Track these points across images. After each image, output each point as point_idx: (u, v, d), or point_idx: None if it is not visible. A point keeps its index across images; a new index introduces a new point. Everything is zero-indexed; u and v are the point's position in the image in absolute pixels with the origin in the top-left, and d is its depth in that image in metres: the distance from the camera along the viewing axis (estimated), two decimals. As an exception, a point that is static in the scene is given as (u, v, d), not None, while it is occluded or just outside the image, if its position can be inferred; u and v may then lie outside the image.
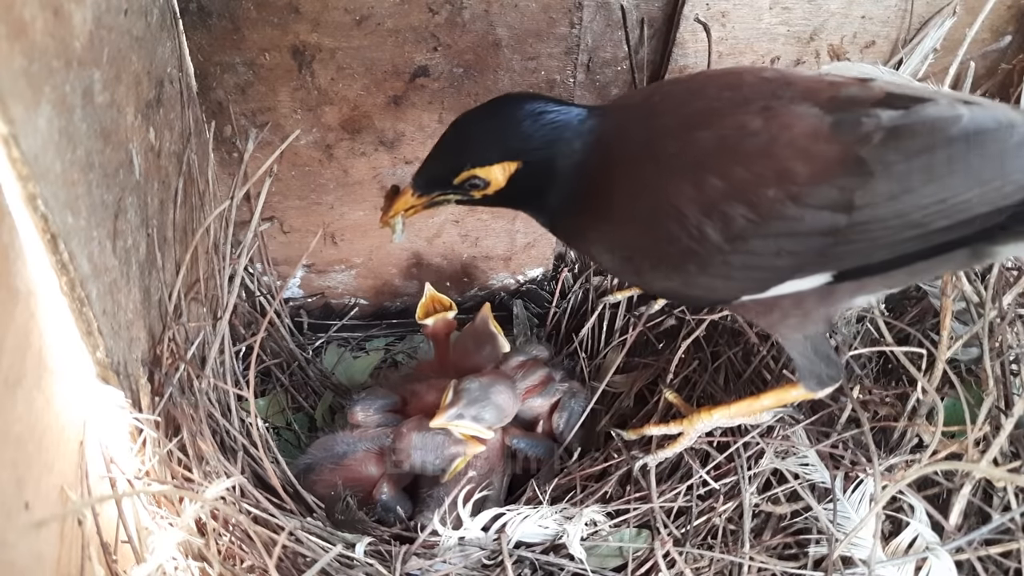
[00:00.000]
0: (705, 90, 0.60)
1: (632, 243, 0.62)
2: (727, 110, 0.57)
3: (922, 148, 0.53)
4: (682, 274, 0.60)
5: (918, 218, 0.54)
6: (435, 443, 0.80)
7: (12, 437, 0.47)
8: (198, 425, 0.69)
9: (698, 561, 0.69)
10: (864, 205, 0.54)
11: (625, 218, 0.61)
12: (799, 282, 0.59)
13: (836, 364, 0.67)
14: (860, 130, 0.54)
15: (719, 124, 0.57)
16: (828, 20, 0.84)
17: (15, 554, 0.46)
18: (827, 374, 0.66)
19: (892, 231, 0.54)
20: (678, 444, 0.75)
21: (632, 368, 0.94)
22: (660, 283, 0.63)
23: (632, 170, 0.60)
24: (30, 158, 0.45)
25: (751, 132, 0.55)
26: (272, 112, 0.84)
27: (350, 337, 1.07)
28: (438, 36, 0.81)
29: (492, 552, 0.71)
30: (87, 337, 0.56)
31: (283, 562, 0.65)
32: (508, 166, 0.63)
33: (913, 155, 0.53)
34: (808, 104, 0.56)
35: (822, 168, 0.54)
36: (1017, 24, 0.88)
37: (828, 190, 0.54)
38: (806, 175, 0.54)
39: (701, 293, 0.62)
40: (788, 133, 0.55)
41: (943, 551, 0.66)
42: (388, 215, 0.69)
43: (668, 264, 0.60)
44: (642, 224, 0.60)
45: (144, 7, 0.66)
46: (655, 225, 0.58)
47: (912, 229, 0.54)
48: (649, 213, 0.59)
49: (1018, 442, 0.71)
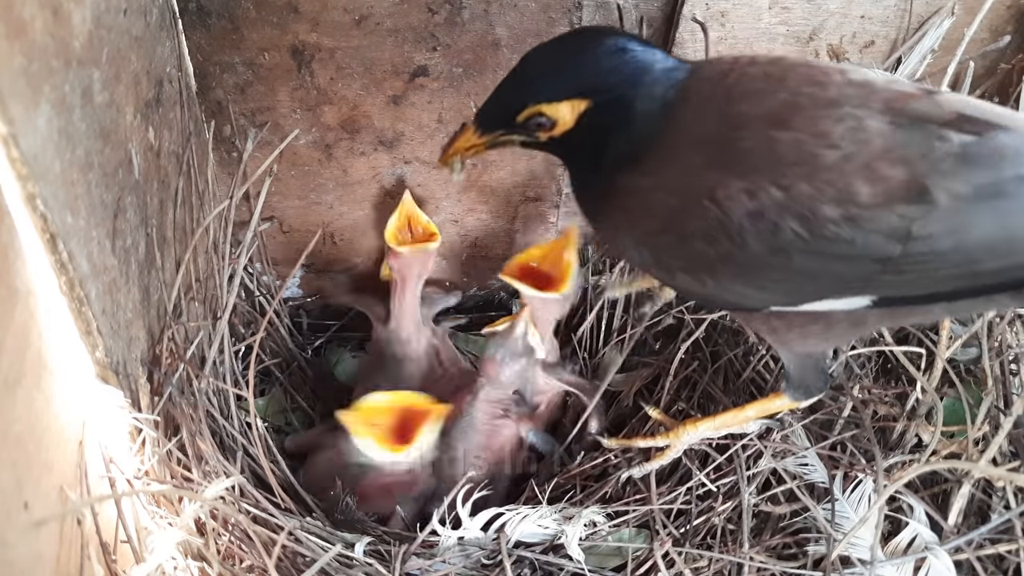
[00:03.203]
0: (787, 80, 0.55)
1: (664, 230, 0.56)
2: (810, 110, 0.52)
3: (991, 182, 0.49)
4: (713, 276, 0.56)
5: (976, 255, 0.50)
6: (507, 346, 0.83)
7: (12, 437, 0.47)
8: (197, 425, 0.69)
9: (697, 561, 0.69)
10: (921, 236, 0.49)
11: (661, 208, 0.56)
12: (836, 302, 0.55)
13: (825, 377, 0.66)
14: (931, 155, 0.50)
15: (800, 127, 0.52)
16: (827, 20, 0.84)
17: (14, 554, 0.46)
18: (815, 386, 0.66)
19: (944, 267, 0.50)
20: (665, 456, 0.76)
21: (632, 368, 0.95)
22: (686, 282, 0.58)
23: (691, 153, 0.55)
24: (29, 158, 0.45)
25: (831, 143, 0.51)
26: (271, 112, 0.84)
27: (350, 337, 1.07)
28: (437, 36, 0.81)
29: (491, 552, 0.71)
30: (86, 337, 0.56)
31: (282, 562, 0.65)
32: (578, 104, 0.56)
33: (981, 188, 0.49)
34: (885, 118, 0.52)
35: (885, 192, 0.49)
36: (1016, 24, 0.88)
37: (887, 216, 0.49)
38: (867, 197, 0.49)
39: (731, 298, 0.58)
40: (866, 151, 0.50)
41: (942, 551, 0.66)
42: (448, 153, 0.63)
43: (700, 263, 0.55)
44: (678, 213, 0.55)
45: (143, 7, 0.66)
46: (693, 217, 0.54)
47: (967, 266, 0.50)
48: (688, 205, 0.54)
49: (1017, 442, 0.71)
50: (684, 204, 0.54)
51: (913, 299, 0.54)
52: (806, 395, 0.67)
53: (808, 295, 0.55)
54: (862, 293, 0.54)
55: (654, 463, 0.76)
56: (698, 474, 0.74)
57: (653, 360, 0.92)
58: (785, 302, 0.57)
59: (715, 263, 0.54)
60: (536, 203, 0.98)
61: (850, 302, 0.55)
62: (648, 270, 0.62)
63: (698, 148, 0.54)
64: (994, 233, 0.49)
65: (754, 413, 0.71)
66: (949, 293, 0.53)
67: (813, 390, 0.66)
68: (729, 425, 0.73)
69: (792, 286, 0.55)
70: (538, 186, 0.96)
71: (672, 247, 0.56)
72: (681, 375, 0.86)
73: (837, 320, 0.58)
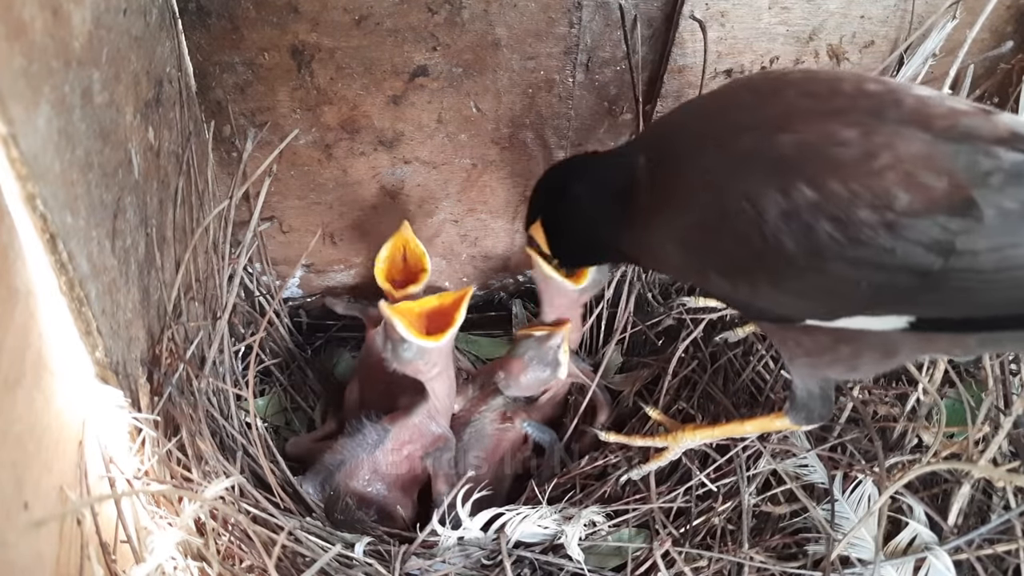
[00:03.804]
0: (783, 93, 0.55)
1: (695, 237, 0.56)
2: (810, 116, 0.52)
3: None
4: (749, 280, 0.55)
5: (1021, 278, 0.48)
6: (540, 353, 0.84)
7: (11, 437, 0.47)
8: (197, 425, 0.69)
9: (697, 561, 0.69)
10: (966, 251, 0.48)
11: (686, 209, 0.56)
12: (871, 320, 0.54)
13: (831, 405, 0.65)
14: (977, 168, 0.48)
15: (802, 129, 0.52)
16: (827, 20, 0.84)
17: (14, 554, 0.46)
18: (819, 413, 0.65)
19: (989, 287, 0.49)
20: (663, 458, 0.76)
21: (632, 368, 0.95)
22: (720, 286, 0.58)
23: (692, 161, 0.55)
24: (29, 158, 0.45)
25: (839, 142, 0.50)
26: (271, 112, 0.84)
27: (350, 337, 1.07)
28: (437, 36, 0.81)
29: (491, 552, 0.71)
30: (86, 337, 0.56)
31: (282, 562, 0.65)
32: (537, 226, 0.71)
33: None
34: (917, 128, 0.50)
35: (926, 200, 0.48)
36: (1016, 24, 0.88)
37: (929, 226, 0.48)
38: (906, 204, 0.48)
39: (766, 304, 0.57)
40: (890, 153, 0.49)
41: (942, 551, 0.66)
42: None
43: (735, 267, 0.55)
44: (708, 217, 0.54)
45: (143, 7, 0.66)
46: (724, 220, 0.53)
47: (1011, 290, 0.48)
48: (717, 205, 0.53)
49: (1017, 442, 0.71)
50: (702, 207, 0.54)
51: (951, 324, 0.53)
52: (807, 420, 0.66)
53: (844, 307, 0.54)
54: (899, 311, 0.52)
55: (652, 464, 0.76)
56: (698, 474, 0.74)
57: (653, 360, 0.92)
58: (820, 313, 0.55)
59: (748, 265, 0.54)
60: (536, 203, 0.98)
61: (886, 321, 0.53)
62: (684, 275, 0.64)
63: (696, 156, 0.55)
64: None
65: (752, 429, 0.71)
66: (989, 320, 0.51)
67: (815, 416, 0.66)
68: (727, 436, 0.73)
69: (828, 295, 0.53)
70: (538, 186, 0.96)
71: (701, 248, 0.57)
72: (681, 375, 0.86)
73: (869, 344, 0.57)
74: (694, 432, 0.74)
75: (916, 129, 0.50)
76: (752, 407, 0.81)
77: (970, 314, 0.51)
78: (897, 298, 0.51)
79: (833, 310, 0.54)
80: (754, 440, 0.74)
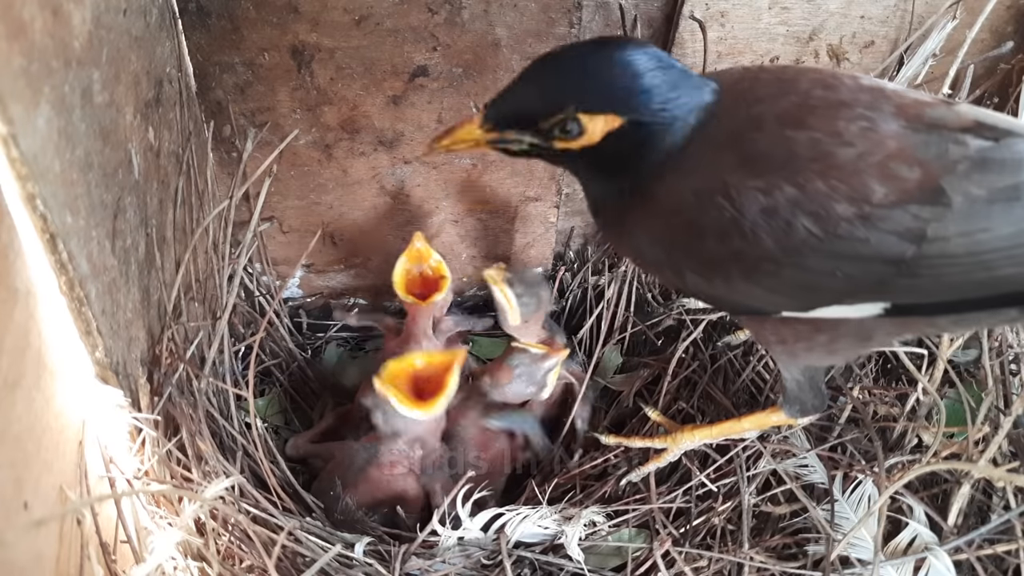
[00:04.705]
0: (797, 83, 0.55)
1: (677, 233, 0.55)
2: (823, 110, 0.53)
3: (1008, 186, 0.49)
4: (724, 276, 0.55)
5: (989, 261, 0.49)
6: (530, 370, 0.84)
7: (11, 437, 0.47)
8: (197, 425, 0.69)
9: (697, 561, 0.69)
10: (936, 238, 0.49)
11: (675, 205, 0.55)
12: (848, 308, 0.54)
13: (823, 395, 0.66)
14: (946, 157, 0.50)
15: (815, 125, 0.52)
16: (827, 20, 0.84)
17: (14, 554, 0.46)
18: (812, 404, 0.66)
19: (959, 271, 0.50)
20: (662, 459, 0.76)
21: (632, 368, 0.95)
22: (695, 283, 0.57)
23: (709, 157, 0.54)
24: (29, 158, 0.45)
25: (845, 142, 0.51)
26: (271, 112, 0.84)
27: (350, 337, 1.07)
28: (437, 36, 0.81)
29: (491, 552, 0.71)
30: (86, 337, 0.56)
31: (282, 562, 0.65)
32: (611, 120, 0.52)
33: (997, 192, 0.49)
34: (900, 121, 0.52)
35: (899, 191, 0.49)
36: (1016, 24, 0.88)
37: (901, 215, 0.49)
38: (882, 196, 0.49)
39: (740, 299, 0.57)
40: (880, 151, 0.50)
41: (942, 551, 0.66)
42: (444, 143, 0.57)
43: (712, 263, 0.55)
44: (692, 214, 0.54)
45: (143, 7, 0.66)
46: (705, 217, 0.53)
47: (980, 272, 0.50)
48: (702, 203, 0.53)
49: (1017, 442, 0.71)
50: (700, 203, 0.54)
51: (925, 308, 0.54)
52: (802, 413, 0.67)
53: (820, 299, 0.54)
54: (874, 299, 0.53)
55: (651, 465, 0.76)
56: (698, 474, 0.74)
57: (653, 360, 0.92)
58: (796, 306, 0.56)
59: (727, 262, 0.54)
60: (536, 203, 0.98)
61: (861, 309, 0.54)
62: (659, 271, 0.62)
63: (717, 151, 0.54)
64: (1009, 238, 0.49)
65: (750, 425, 0.72)
66: (960, 302, 0.52)
67: (809, 408, 0.66)
68: (725, 435, 0.73)
69: (804, 289, 0.54)
70: (538, 186, 0.96)
71: (685, 246, 0.55)
72: (680, 376, 0.86)
73: (845, 331, 0.58)
74: (693, 433, 0.74)
75: (887, 119, 0.52)
76: (752, 407, 0.81)
77: (942, 298, 0.52)
78: (872, 287, 0.52)
79: (809, 303, 0.55)
80: (754, 440, 0.74)
